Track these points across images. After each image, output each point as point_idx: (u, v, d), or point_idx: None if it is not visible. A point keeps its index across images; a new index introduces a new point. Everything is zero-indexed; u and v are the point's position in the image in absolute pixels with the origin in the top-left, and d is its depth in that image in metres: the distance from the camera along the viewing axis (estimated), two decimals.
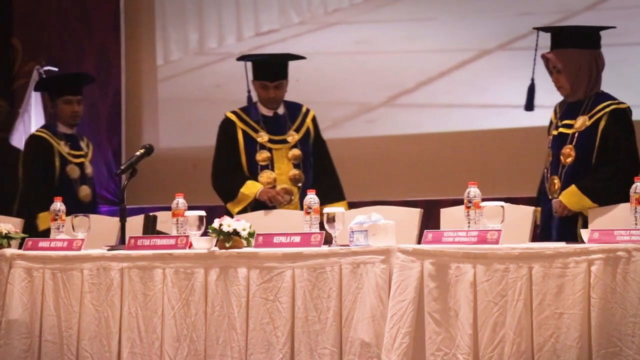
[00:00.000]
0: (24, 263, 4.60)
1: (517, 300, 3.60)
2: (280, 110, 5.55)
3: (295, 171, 5.47)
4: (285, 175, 5.48)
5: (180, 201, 4.43)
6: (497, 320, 3.63)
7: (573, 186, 4.59)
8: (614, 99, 4.69)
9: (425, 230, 3.97)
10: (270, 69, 5.50)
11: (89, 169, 6.11)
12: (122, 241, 4.64)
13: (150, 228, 4.69)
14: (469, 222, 3.90)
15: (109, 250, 4.52)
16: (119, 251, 4.45)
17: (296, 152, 5.47)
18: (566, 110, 4.76)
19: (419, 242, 4.14)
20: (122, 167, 4.93)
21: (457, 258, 3.74)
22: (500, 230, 3.79)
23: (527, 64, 4.80)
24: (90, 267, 4.45)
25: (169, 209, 4.54)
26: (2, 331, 4.57)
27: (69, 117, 6.02)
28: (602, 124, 4.62)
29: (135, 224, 4.93)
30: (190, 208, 4.48)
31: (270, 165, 5.49)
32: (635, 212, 3.75)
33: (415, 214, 4.73)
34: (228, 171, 5.49)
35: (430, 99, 6.64)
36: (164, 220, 4.75)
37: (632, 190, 3.79)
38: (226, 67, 6.96)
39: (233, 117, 5.53)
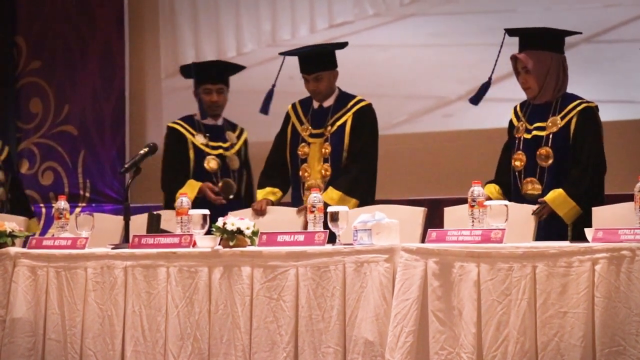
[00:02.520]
0: (28, 261, 4.61)
1: (521, 299, 3.60)
2: (327, 103, 5.37)
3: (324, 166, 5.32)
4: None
5: (184, 200, 4.43)
6: (501, 319, 3.63)
7: (562, 192, 4.62)
8: (582, 98, 4.76)
9: (429, 229, 3.96)
10: (305, 61, 5.36)
11: (233, 162, 5.80)
12: (126, 240, 4.65)
13: (154, 226, 4.69)
14: (472, 221, 3.90)
15: (113, 248, 4.52)
16: (122, 250, 4.46)
17: (328, 147, 5.31)
18: (533, 113, 4.80)
19: (422, 241, 4.14)
20: (126, 166, 4.94)
21: (461, 257, 3.74)
22: (504, 229, 3.79)
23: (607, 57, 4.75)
24: (94, 265, 4.45)
25: (172, 207, 4.54)
26: (7, 329, 4.58)
27: (208, 107, 5.77)
28: (574, 122, 4.69)
29: (139, 222, 4.94)
30: (194, 207, 4.49)
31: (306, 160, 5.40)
32: (639, 211, 3.75)
33: (419, 212, 4.72)
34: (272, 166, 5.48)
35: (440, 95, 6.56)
36: (167, 218, 4.75)
37: (636, 189, 3.79)
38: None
39: (290, 110, 5.47)
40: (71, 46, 7.78)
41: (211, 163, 5.71)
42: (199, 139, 5.74)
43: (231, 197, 5.66)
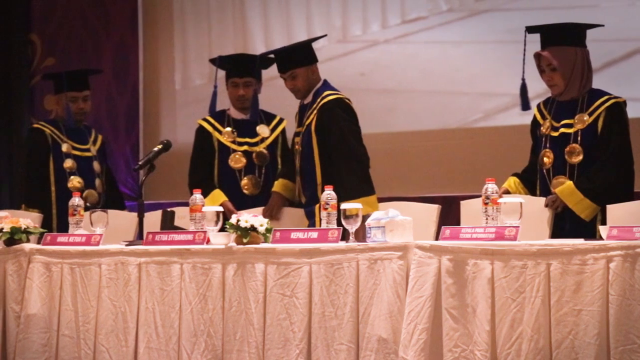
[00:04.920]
0: (42, 258, 4.62)
1: (535, 297, 3.59)
2: (307, 100, 5.28)
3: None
4: None
5: (198, 197, 4.44)
6: (515, 317, 3.62)
7: (570, 184, 4.59)
8: (609, 94, 4.70)
9: (442, 227, 3.96)
10: (278, 60, 5.31)
11: (260, 158, 5.69)
12: (140, 236, 4.66)
13: (168, 223, 4.70)
14: (487, 219, 3.89)
15: (127, 245, 4.53)
16: (136, 246, 4.47)
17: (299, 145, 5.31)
18: (559, 110, 4.75)
19: (436, 239, 4.13)
20: (140, 163, 4.94)
21: (475, 254, 3.73)
22: (518, 226, 3.78)
23: None
24: (108, 262, 4.46)
25: (186, 204, 4.55)
26: (22, 325, 4.59)
27: (235, 100, 5.66)
28: (602, 119, 4.64)
29: (153, 219, 4.95)
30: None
31: None
32: None
33: (433, 210, 4.72)
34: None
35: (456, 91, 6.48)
36: (181, 215, 4.76)
37: None
38: (371, 55, 6.75)
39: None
40: (85, 43, 7.80)
41: (236, 161, 5.66)
42: (227, 135, 5.68)
43: (258, 191, 5.62)
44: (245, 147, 5.66)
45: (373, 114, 6.59)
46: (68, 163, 5.94)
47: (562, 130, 4.71)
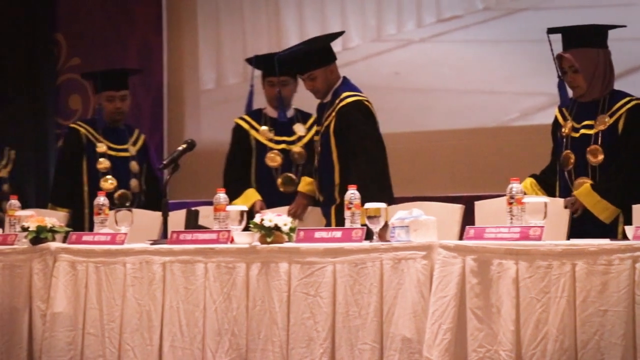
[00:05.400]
0: (68, 256, 4.65)
1: (561, 297, 3.57)
2: (327, 99, 5.21)
3: None
4: None
5: (221, 196, 4.45)
6: (540, 317, 3.60)
7: (587, 185, 4.56)
8: (631, 95, 4.68)
9: (467, 226, 3.94)
10: (295, 62, 5.24)
11: (298, 156, 5.67)
12: (164, 235, 4.67)
13: (192, 222, 4.71)
14: (511, 218, 3.87)
15: (151, 244, 4.55)
16: (161, 245, 4.48)
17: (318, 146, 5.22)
18: (580, 111, 4.73)
19: (460, 238, 4.12)
20: (165, 162, 4.96)
21: (499, 254, 3.72)
22: (543, 226, 3.76)
23: None
24: (132, 261, 4.48)
25: (210, 203, 4.56)
26: (47, 324, 4.62)
27: (270, 99, 5.66)
28: (622, 120, 4.61)
29: (177, 218, 4.96)
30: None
31: None
32: None
33: (456, 209, 4.70)
34: None
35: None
36: (205, 214, 4.77)
37: None
38: (406, 54, 6.71)
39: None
40: (110, 43, 7.84)
41: (273, 159, 5.64)
42: (264, 133, 5.67)
43: (294, 189, 5.60)
44: (282, 146, 5.64)
45: (407, 113, 6.56)
46: (102, 163, 5.95)
47: (583, 131, 4.69)
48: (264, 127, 5.65)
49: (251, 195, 5.51)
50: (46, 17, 7.97)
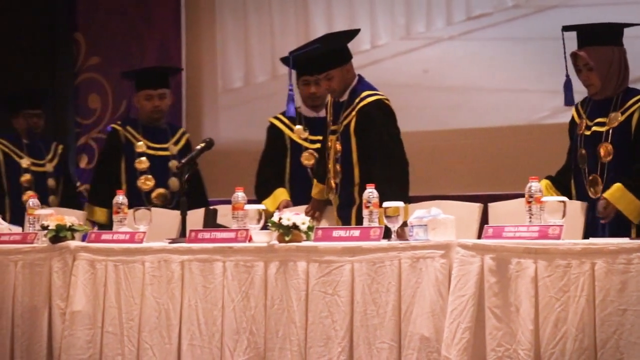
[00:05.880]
0: (87, 255, 4.66)
1: (580, 296, 3.56)
2: (343, 98, 5.11)
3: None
4: None
5: (240, 195, 4.45)
6: (559, 316, 3.59)
7: (619, 185, 4.51)
8: None
9: (485, 225, 3.93)
10: (312, 62, 5.15)
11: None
12: (183, 234, 4.68)
13: (210, 221, 4.72)
14: (530, 217, 3.86)
15: (170, 243, 4.56)
16: (180, 244, 4.49)
17: (339, 146, 5.07)
18: (594, 109, 4.71)
19: (479, 237, 4.11)
20: (183, 161, 4.96)
21: (518, 253, 3.70)
22: (562, 225, 3.75)
23: None
24: (151, 259, 4.49)
25: (229, 202, 4.56)
26: (67, 322, 4.64)
27: (306, 99, 5.61)
28: (635, 117, 4.57)
29: (195, 217, 4.97)
30: (249, 202, 4.51)
31: None
32: None
33: (475, 208, 4.69)
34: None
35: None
36: (224, 213, 4.78)
37: None
38: (435, 52, 6.68)
39: (329, 99, 5.25)
40: (128, 42, 7.86)
41: (308, 158, 5.61)
42: (299, 133, 5.61)
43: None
44: (317, 145, 5.57)
45: (436, 111, 6.53)
46: (140, 162, 5.96)
47: (595, 128, 4.67)
48: (299, 127, 5.60)
49: (279, 195, 5.50)
50: (65, 16, 8.01)
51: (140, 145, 5.94)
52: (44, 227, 4.78)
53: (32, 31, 7.86)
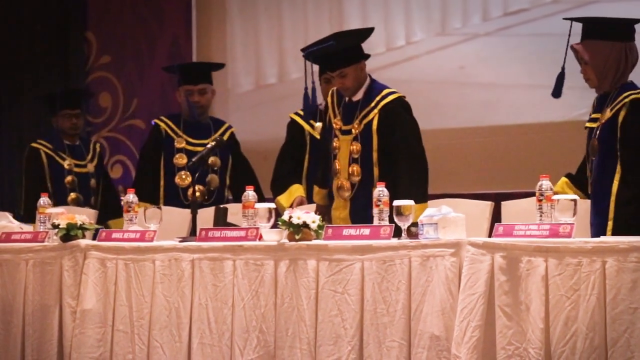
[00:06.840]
0: (98, 254, 4.67)
1: (590, 295, 3.54)
2: (356, 97, 5.02)
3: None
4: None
5: (250, 193, 4.45)
6: (570, 315, 3.57)
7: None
8: (638, 88, 4.58)
9: (496, 224, 3.92)
10: (326, 59, 5.06)
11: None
12: (193, 233, 4.69)
13: (220, 220, 4.72)
14: (541, 215, 3.85)
15: (180, 241, 4.57)
16: (190, 243, 4.50)
17: (357, 145, 4.96)
18: (596, 104, 4.68)
19: (489, 235, 4.10)
20: (194, 160, 4.97)
21: (529, 251, 3.69)
22: (573, 224, 3.73)
23: None
24: (161, 258, 4.50)
25: (239, 201, 4.56)
26: (77, 320, 4.65)
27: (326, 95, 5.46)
28: (622, 114, 4.51)
29: (206, 216, 4.98)
30: (260, 200, 4.51)
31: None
32: None
33: (485, 207, 4.68)
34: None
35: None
36: (234, 212, 4.78)
37: None
38: (471, 47, 6.64)
39: (329, 98, 5.15)
40: (140, 41, 7.88)
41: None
42: (319, 129, 5.49)
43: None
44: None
45: (472, 107, 6.48)
46: (179, 158, 5.95)
47: (588, 124, 4.65)
48: (319, 124, 5.51)
49: (294, 191, 5.49)
50: (77, 15, 8.03)
51: (180, 141, 5.95)
52: (55, 226, 4.79)
53: (44, 30, 7.88)
